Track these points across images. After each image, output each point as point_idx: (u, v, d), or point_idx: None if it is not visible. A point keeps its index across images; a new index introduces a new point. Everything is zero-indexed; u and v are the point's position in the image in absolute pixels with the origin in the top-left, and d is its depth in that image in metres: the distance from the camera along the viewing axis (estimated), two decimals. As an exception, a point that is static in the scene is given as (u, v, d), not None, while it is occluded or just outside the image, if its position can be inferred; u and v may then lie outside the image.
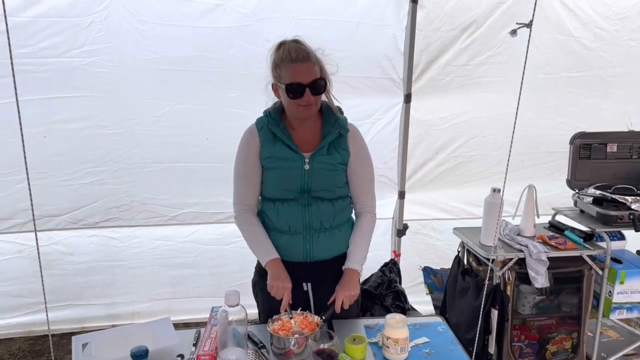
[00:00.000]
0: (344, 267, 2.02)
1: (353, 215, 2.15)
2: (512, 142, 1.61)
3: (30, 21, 2.86)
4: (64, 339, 3.37)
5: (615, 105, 3.65)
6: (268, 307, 1.95)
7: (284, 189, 1.98)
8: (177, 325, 1.93)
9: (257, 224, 2.05)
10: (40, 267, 1.22)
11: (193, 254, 3.60)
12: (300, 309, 1.91)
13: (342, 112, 2.07)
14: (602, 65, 3.54)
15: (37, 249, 1.35)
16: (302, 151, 1.96)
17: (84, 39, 2.96)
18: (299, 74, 1.86)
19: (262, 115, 2.05)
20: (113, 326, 3.26)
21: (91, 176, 3.24)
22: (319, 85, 1.88)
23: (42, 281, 1.19)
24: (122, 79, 3.08)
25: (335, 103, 2.05)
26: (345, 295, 1.93)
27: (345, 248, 2.07)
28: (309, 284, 2.07)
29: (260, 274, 2.06)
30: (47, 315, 1.23)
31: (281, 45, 1.91)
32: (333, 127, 1.99)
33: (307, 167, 1.95)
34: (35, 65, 2.95)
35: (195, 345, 1.84)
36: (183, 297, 3.63)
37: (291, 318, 1.85)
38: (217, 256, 3.61)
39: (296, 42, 1.91)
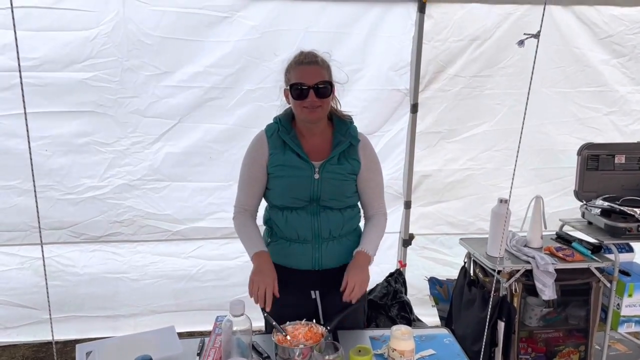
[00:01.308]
0: (355, 251, 1.99)
1: (361, 224, 2.15)
2: (518, 152, 1.60)
3: (33, 34, 2.87)
4: (67, 347, 3.34)
5: (635, 121, 3.62)
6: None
7: (293, 197, 1.97)
8: (181, 335, 1.92)
9: (250, 224, 2.06)
10: (45, 271, 1.21)
11: (196, 267, 3.58)
12: (305, 319, 1.88)
13: (352, 122, 2.06)
14: (623, 82, 3.52)
15: (43, 258, 1.34)
16: (312, 160, 1.95)
17: (88, 52, 2.96)
18: (304, 75, 1.87)
19: (272, 122, 2.05)
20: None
21: (93, 190, 3.23)
22: (324, 88, 1.88)
23: (47, 286, 1.18)
24: (126, 94, 3.08)
25: (346, 113, 2.06)
26: (356, 280, 1.88)
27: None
28: (317, 292, 2.06)
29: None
30: (50, 320, 1.22)
31: (297, 53, 1.95)
32: (344, 136, 1.99)
33: (316, 176, 1.94)
34: (39, 79, 2.95)
35: (199, 355, 1.82)
36: (186, 310, 3.60)
37: (285, 335, 1.78)
38: (221, 270, 3.58)
39: (310, 50, 1.95)
